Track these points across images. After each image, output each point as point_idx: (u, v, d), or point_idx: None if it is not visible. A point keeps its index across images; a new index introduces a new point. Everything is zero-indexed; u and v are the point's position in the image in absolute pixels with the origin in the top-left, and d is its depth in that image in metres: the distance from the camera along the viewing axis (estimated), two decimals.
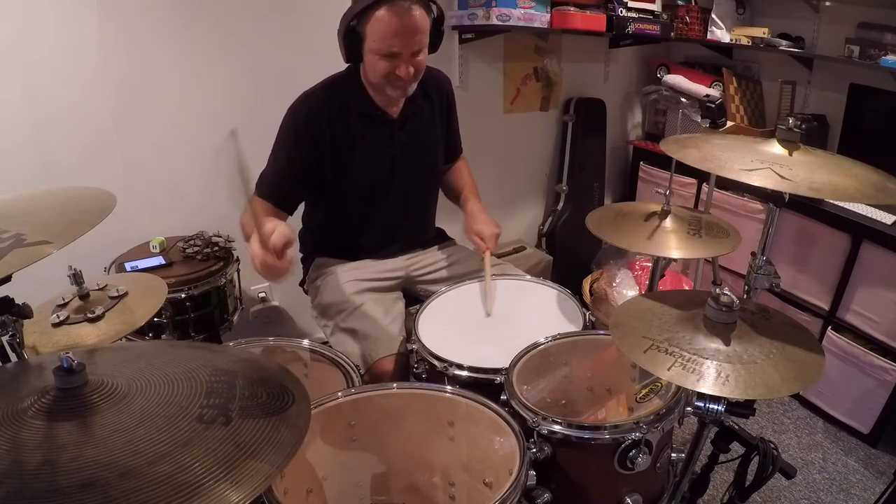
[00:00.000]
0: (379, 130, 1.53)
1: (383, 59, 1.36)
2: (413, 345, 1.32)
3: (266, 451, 0.64)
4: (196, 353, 0.85)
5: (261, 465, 0.62)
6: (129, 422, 0.64)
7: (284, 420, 0.70)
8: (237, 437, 0.65)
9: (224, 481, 0.59)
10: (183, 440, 0.63)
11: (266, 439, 0.66)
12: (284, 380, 0.79)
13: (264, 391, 0.75)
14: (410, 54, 1.37)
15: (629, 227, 1.42)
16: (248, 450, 0.64)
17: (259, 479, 0.61)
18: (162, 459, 0.60)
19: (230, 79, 1.98)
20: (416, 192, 1.64)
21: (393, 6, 1.30)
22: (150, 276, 1.45)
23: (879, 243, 1.95)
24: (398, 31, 1.33)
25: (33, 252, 0.76)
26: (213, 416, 0.67)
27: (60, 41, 1.70)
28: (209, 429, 0.65)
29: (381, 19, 1.31)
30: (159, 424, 0.64)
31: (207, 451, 0.62)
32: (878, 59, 2.09)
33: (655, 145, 2.86)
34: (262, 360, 0.85)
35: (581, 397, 1.29)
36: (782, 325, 1.00)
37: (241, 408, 0.70)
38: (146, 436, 0.62)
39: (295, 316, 2.37)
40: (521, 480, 0.87)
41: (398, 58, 1.36)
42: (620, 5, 2.45)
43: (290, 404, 0.73)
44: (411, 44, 1.36)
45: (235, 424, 0.66)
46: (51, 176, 1.76)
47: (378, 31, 1.33)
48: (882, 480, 1.88)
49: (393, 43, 1.34)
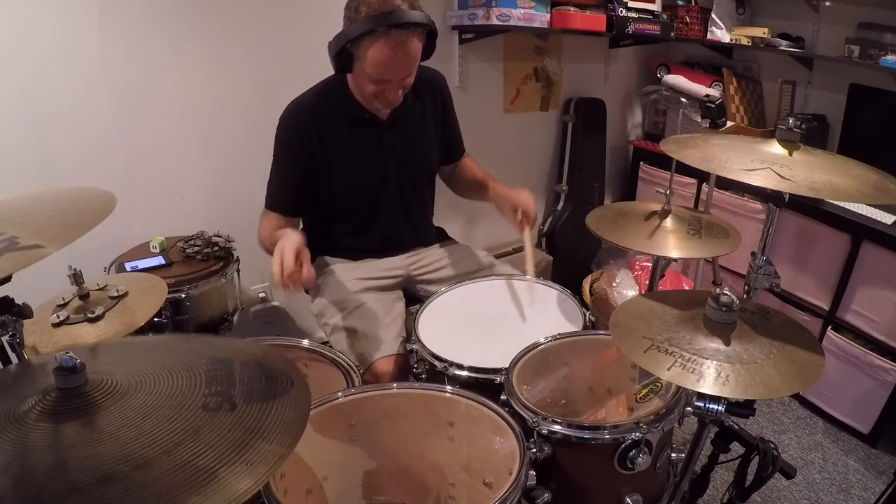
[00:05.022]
0: (368, 134, 1.52)
1: (373, 83, 1.36)
2: (413, 345, 1.32)
3: (274, 432, 0.66)
4: (189, 344, 0.86)
5: (271, 446, 0.64)
6: (135, 416, 0.65)
7: (287, 401, 0.72)
8: (244, 421, 0.66)
9: (239, 463, 0.60)
10: (192, 429, 0.64)
11: (273, 421, 0.67)
12: (279, 364, 0.80)
13: (263, 376, 0.76)
14: (400, 80, 1.38)
15: (629, 226, 1.42)
16: (256, 432, 0.65)
17: (272, 459, 0.62)
18: (175, 448, 0.61)
19: (230, 78, 1.98)
20: (411, 193, 1.64)
21: (390, 37, 1.28)
22: (150, 276, 1.46)
23: (879, 243, 1.95)
24: (392, 62, 1.32)
25: (25, 257, 0.76)
26: (218, 403, 0.68)
27: (60, 41, 1.70)
28: (216, 416, 0.66)
29: (376, 48, 1.29)
30: (166, 416, 0.65)
31: (218, 437, 0.63)
32: (878, 59, 2.09)
33: (655, 145, 2.86)
34: (254, 348, 0.86)
35: (581, 397, 1.29)
36: (782, 325, 1.00)
37: (244, 393, 0.71)
38: (155, 427, 0.63)
39: (295, 316, 2.38)
40: (520, 480, 0.87)
41: (388, 83, 1.37)
42: (620, 5, 2.45)
43: (289, 386, 0.75)
44: (403, 73, 1.37)
45: (241, 409, 0.68)
46: (50, 176, 1.76)
47: (372, 59, 1.31)
48: (882, 480, 1.88)
49: (385, 73, 1.34)
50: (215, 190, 2.08)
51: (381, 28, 1.26)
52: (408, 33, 1.29)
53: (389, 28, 1.26)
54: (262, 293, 2.28)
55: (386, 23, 1.26)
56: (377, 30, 1.27)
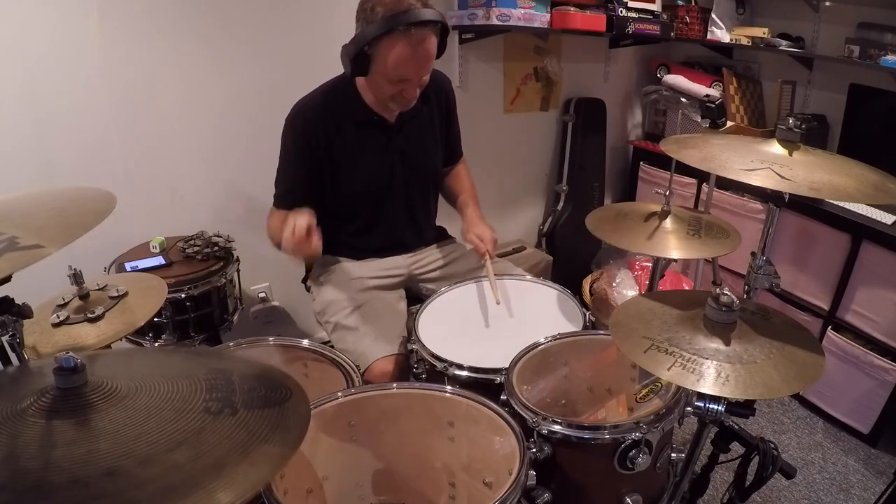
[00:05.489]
0: (376, 135, 1.52)
1: (392, 83, 1.36)
2: (413, 345, 1.32)
3: (276, 437, 0.67)
4: (187, 356, 0.87)
5: (274, 448, 0.65)
6: (137, 417, 0.65)
7: (287, 409, 0.72)
8: (247, 424, 0.67)
9: (243, 463, 0.61)
10: (195, 429, 0.64)
11: (274, 426, 0.68)
12: (278, 376, 0.81)
13: (262, 386, 0.77)
14: (419, 78, 1.38)
15: (629, 227, 1.42)
16: (259, 435, 0.66)
17: (276, 460, 0.64)
18: (178, 447, 0.62)
19: (231, 77, 1.98)
20: (416, 195, 1.64)
21: (409, 36, 1.28)
22: (150, 276, 1.46)
23: (879, 243, 1.95)
24: (412, 61, 1.32)
25: (25, 257, 0.76)
26: (220, 407, 0.69)
27: (60, 41, 1.70)
28: (218, 419, 0.67)
29: (395, 48, 1.29)
30: (168, 417, 0.66)
31: (221, 438, 0.64)
32: (878, 59, 2.09)
33: (655, 145, 2.86)
34: (253, 360, 0.88)
35: (581, 397, 1.29)
36: (782, 325, 1.00)
37: (245, 400, 0.72)
38: (158, 427, 0.64)
39: (295, 316, 2.37)
40: (520, 480, 0.87)
41: (408, 82, 1.37)
42: (620, 5, 2.45)
43: (288, 397, 0.75)
44: (422, 71, 1.37)
45: (242, 414, 0.69)
46: (50, 176, 1.76)
47: (391, 59, 1.31)
48: (882, 480, 1.88)
49: (406, 72, 1.34)
50: (215, 190, 2.08)
51: (400, 27, 1.27)
52: (426, 31, 1.30)
53: (409, 27, 1.27)
54: (262, 293, 2.28)
55: (405, 21, 1.26)
56: (397, 29, 1.27)
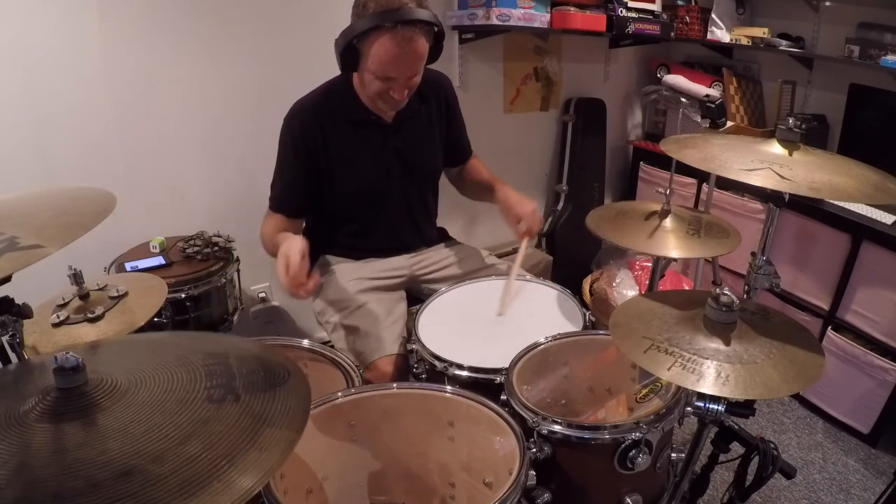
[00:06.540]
0: (373, 136, 1.52)
1: (379, 80, 1.36)
2: (413, 345, 1.32)
3: (281, 419, 0.67)
4: (179, 340, 0.87)
5: (281, 432, 0.65)
6: (142, 412, 0.65)
7: (288, 390, 0.73)
8: (251, 410, 0.68)
9: (253, 449, 0.62)
10: (202, 420, 0.65)
11: (278, 409, 0.69)
12: (274, 356, 0.81)
13: (260, 368, 0.77)
14: (406, 78, 1.37)
15: (629, 226, 1.42)
16: (264, 420, 0.67)
17: (283, 443, 0.64)
18: (189, 440, 0.62)
19: (231, 77, 1.98)
20: (415, 196, 1.64)
21: (396, 33, 1.28)
22: (150, 276, 1.46)
23: (879, 243, 1.95)
24: (398, 59, 1.32)
25: (25, 257, 0.76)
26: (222, 395, 0.69)
27: (60, 41, 1.70)
28: (222, 407, 0.67)
29: (382, 44, 1.29)
30: (173, 410, 0.66)
31: (228, 426, 0.64)
32: (878, 59, 2.09)
33: (655, 145, 2.86)
34: (246, 342, 0.88)
35: (581, 397, 1.29)
36: (782, 325, 1.00)
37: (245, 384, 0.72)
38: (165, 421, 0.64)
39: (295, 316, 2.37)
40: (520, 480, 0.87)
41: (394, 81, 1.36)
42: (620, 5, 2.45)
43: (287, 377, 0.76)
44: (409, 71, 1.36)
45: (245, 399, 0.69)
46: (50, 176, 1.76)
47: (378, 55, 1.31)
48: (882, 480, 1.88)
49: (391, 70, 1.33)
50: (215, 190, 2.08)
51: (387, 24, 1.26)
52: (414, 31, 1.30)
53: (396, 24, 1.27)
54: (262, 293, 2.28)
55: (393, 18, 1.26)
56: (384, 25, 1.27)
